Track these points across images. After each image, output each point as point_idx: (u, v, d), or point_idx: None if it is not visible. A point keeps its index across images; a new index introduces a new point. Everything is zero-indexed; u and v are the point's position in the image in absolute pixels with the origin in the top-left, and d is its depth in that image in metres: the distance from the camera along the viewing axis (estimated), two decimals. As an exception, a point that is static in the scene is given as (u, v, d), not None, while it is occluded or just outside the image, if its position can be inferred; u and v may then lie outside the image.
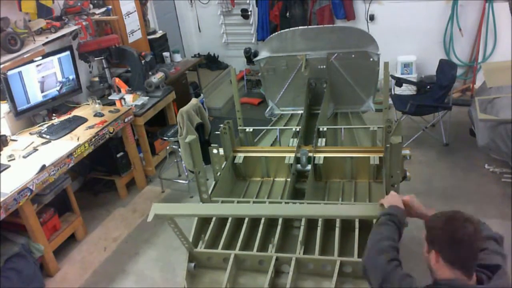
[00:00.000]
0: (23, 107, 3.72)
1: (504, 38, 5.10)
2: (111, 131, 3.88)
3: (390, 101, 4.61)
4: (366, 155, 2.66)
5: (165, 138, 4.07)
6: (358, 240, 2.05)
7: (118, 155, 4.20)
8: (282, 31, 3.53)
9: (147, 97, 4.37)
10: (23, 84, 3.68)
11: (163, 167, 4.55)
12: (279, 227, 2.20)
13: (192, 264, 2.05)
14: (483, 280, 1.42)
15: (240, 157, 2.82)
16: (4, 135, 3.59)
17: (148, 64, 4.51)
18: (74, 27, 3.98)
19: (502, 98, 3.71)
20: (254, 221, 2.30)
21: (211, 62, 6.77)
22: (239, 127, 3.22)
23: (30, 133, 3.75)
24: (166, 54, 5.34)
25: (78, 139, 3.60)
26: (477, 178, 3.99)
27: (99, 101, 4.17)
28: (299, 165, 2.69)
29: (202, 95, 5.69)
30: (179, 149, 4.04)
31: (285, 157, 2.77)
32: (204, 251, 2.10)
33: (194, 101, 3.54)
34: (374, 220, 1.93)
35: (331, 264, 1.92)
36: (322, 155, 2.72)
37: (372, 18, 5.61)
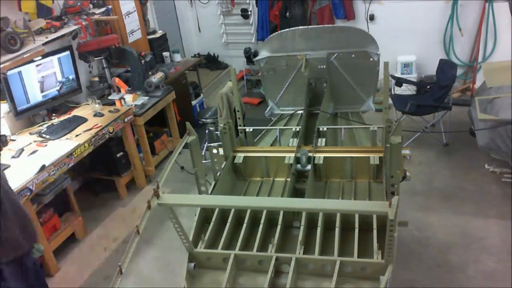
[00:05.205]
0: (23, 107, 3.72)
1: (504, 38, 5.11)
2: (111, 131, 3.88)
3: (390, 101, 4.62)
4: (366, 155, 2.66)
5: (203, 120, 4.30)
6: (358, 240, 2.04)
7: (118, 155, 4.20)
8: (282, 31, 3.52)
9: (147, 97, 4.38)
10: (23, 84, 3.68)
11: (163, 167, 4.55)
12: (279, 227, 2.19)
13: (192, 264, 2.05)
14: None
15: (240, 157, 2.81)
16: (4, 135, 3.60)
17: (148, 64, 4.52)
18: (74, 27, 3.98)
19: (502, 98, 3.71)
20: (254, 221, 2.30)
21: (211, 62, 6.78)
22: (239, 127, 3.21)
23: (30, 133, 3.75)
24: (166, 54, 5.35)
25: (78, 138, 3.61)
26: (477, 178, 3.99)
27: (99, 101, 4.17)
28: (299, 165, 2.69)
29: (202, 95, 5.69)
30: (216, 132, 4.27)
31: (285, 157, 2.76)
32: (204, 251, 2.10)
33: (230, 83, 3.60)
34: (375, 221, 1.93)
35: (331, 264, 1.92)
36: (322, 155, 2.72)
37: (372, 18, 5.61)
